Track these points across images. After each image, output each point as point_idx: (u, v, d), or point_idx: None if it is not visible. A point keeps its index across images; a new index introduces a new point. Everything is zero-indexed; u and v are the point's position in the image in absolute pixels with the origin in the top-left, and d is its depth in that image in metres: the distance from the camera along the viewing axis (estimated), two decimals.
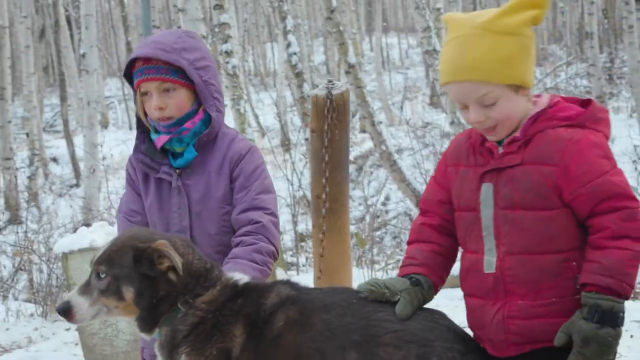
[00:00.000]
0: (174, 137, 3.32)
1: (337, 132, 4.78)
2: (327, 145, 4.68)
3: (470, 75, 2.71)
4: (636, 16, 16.83)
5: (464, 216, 2.86)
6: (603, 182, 2.63)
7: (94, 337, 6.43)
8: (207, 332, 2.82)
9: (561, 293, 2.70)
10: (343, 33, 14.76)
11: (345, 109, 4.79)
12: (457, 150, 2.94)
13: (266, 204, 3.33)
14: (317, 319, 2.74)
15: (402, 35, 43.86)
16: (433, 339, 2.66)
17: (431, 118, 22.17)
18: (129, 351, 6.18)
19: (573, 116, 2.76)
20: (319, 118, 4.76)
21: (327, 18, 14.84)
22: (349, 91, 4.85)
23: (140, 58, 3.30)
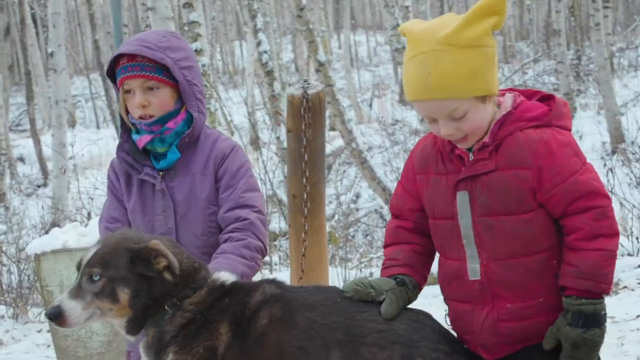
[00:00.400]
0: (155, 136, 3.30)
1: (312, 131, 4.77)
2: (306, 144, 4.67)
3: (437, 94, 2.68)
4: (603, 14, 17.00)
5: (440, 224, 2.87)
6: (574, 181, 2.66)
7: (67, 339, 6.37)
8: (194, 332, 2.81)
9: (547, 291, 2.73)
10: (312, 31, 14.76)
11: (321, 108, 4.78)
12: (424, 157, 2.93)
13: (253, 201, 3.32)
14: (301, 317, 2.74)
15: (370, 32, 43.96)
16: (418, 340, 2.67)
17: (401, 115, 22.27)
18: (102, 352, 6.14)
19: (540, 116, 2.77)
20: (295, 117, 4.74)
21: (296, 16, 14.84)
22: (324, 91, 4.84)
23: (124, 55, 3.28)
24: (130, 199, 3.38)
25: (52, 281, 6.36)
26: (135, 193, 3.38)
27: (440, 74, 2.64)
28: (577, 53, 22.78)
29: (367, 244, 12.75)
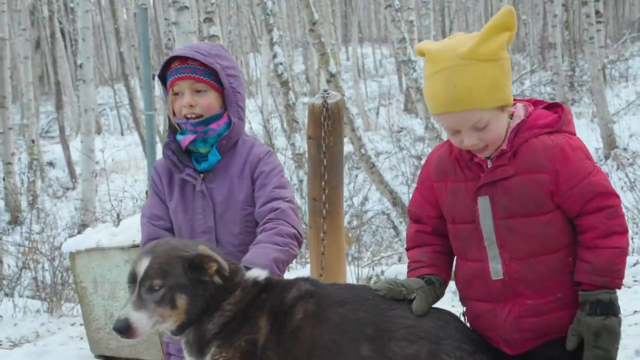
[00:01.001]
0: (199, 136, 3.32)
1: (332, 138, 4.78)
2: (325, 150, 4.69)
3: (464, 106, 2.69)
4: (596, 28, 16.97)
5: (460, 228, 2.89)
6: (589, 182, 2.70)
7: (100, 332, 6.41)
8: (236, 328, 2.84)
9: (564, 287, 2.76)
10: (324, 44, 14.76)
11: (340, 116, 4.80)
12: (441, 166, 2.94)
13: (283, 194, 3.33)
14: (333, 313, 2.77)
15: (376, 45, 43.95)
16: (444, 337, 2.69)
17: (406, 123, 22.26)
18: (134, 345, 6.15)
19: (551, 123, 2.80)
20: (316, 125, 4.76)
21: (309, 30, 14.82)
22: (343, 100, 4.87)
23: (177, 58, 3.32)
24: (173, 199, 3.40)
25: (86, 278, 6.39)
26: (177, 193, 3.40)
27: (465, 86, 2.67)
28: (571, 65, 22.73)
29: (377, 244, 12.74)
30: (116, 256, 6.08)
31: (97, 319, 6.39)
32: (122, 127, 31.37)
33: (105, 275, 6.21)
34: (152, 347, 6.03)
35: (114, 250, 6.10)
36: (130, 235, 6.23)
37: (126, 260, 6.00)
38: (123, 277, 6.02)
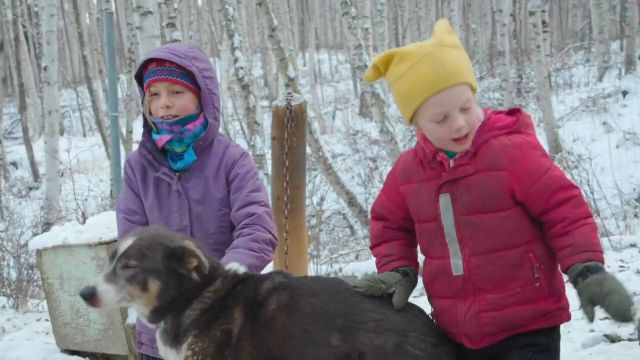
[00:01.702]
0: (175, 136, 3.30)
1: (295, 139, 4.80)
2: (287, 151, 4.70)
3: (456, 79, 2.74)
4: (542, 37, 17.18)
5: (425, 227, 2.92)
6: (548, 177, 2.74)
7: (66, 327, 6.34)
8: (213, 317, 2.86)
9: (523, 282, 2.77)
10: (283, 49, 14.77)
11: (303, 118, 4.82)
12: (406, 170, 2.98)
13: (259, 197, 3.33)
14: (306, 303, 2.79)
15: (332, 52, 44.05)
16: (410, 330, 2.72)
17: (361, 126, 22.33)
18: (99, 339, 6.10)
19: (509, 124, 2.85)
20: (280, 127, 4.78)
21: (269, 36, 14.84)
22: (306, 102, 4.88)
23: (154, 60, 3.29)
24: (148, 196, 3.37)
25: (53, 274, 6.33)
26: (152, 191, 3.37)
27: (452, 62, 2.76)
28: (518, 72, 22.97)
29: (333, 242, 12.78)
30: (83, 253, 6.02)
31: (63, 315, 6.32)
32: (85, 129, 31.06)
33: (71, 271, 6.15)
34: (117, 342, 5.98)
35: (81, 247, 6.04)
36: (96, 233, 6.18)
37: (92, 258, 5.95)
38: (89, 274, 5.98)
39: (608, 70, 22.50)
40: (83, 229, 6.41)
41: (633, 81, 18.85)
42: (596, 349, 5.29)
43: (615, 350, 5.12)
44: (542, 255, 2.81)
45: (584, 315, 2.57)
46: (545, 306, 2.78)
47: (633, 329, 2.72)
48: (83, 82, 31.68)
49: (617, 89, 18.85)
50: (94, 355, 6.29)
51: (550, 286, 2.81)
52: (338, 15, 43.00)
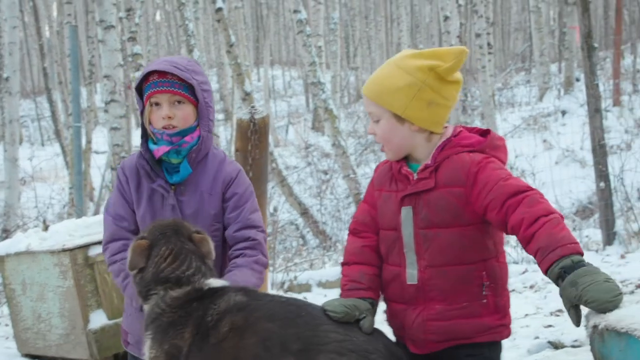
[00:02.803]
0: (173, 148, 3.27)
1: (257, 151, 4.81)
2: (251, 162, 4.70)
3: (367, 92, 2.89)
4: (487, 58, 17.39)
5: (386, 234, 2.93)
6: (502, 185, 2.69)
7: (28, 332, 6.23)
8: (164, 327, 2.82)
9: (471, 298, 2.80)
10: (239, 65, 14.76)
11: (266, 131, 4.84)
12: (381, 176, 3.01)
13: (258, 222, 3.35)
14: (261, 327, 2.69)
15: (285, 68, 44.11)
16: (372, 351, 2.65)
17: (313, 140, 22.36)
18: (61, 344, 6.01)
19: (474, 143, 2.84)
20: (243, 139, 4.78)
21: (227, 51, 14.82)
22: (269, 116, 4.89)
23: (156, 72, 3.26)
24: (140, 207, 3.33)
25: (15, 280, 6.22)
26: (145, 201, 3.33)
27: (376, 77, 2.87)
28: (464, 91, 23.23)
29: (287, 251, 12.76)
30: (46, 260, 5.93)
31: (25, 320, 6.22)
32: (43, 138, 30.62)
33: (34, 277, 6.05)
34: (78, 347, 5.90)
35: (44, 254, 5.94)
36: (59, 240, 6.08)
37: (55, 264, 5.86)
38: (52, 280, 5.89)
39: (548, 91, 22.86)
40: (46, 236, 6.30)
41: (571, 101, 19.18)
42: (541, 355, 5.37)
43: (559, 356, 5.19)
44: (493, 274, 2.83)
45: (569, 318, 2.48)
46: (489, 322, 2.82)
47: (585, 336, 2.73)
48: (42, 92, 31.24)
49: (557, 109, 19.16)
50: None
51: (496, 304, 2.84)
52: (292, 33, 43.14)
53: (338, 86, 26.68)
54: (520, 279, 7.89)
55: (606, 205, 8.93)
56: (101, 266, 5.82)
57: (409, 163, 2.91)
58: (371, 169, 17.48)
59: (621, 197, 9.62)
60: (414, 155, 2.90)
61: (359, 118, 24.61)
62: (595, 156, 8.98)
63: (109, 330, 5.84)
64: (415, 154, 2.89)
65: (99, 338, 5.80)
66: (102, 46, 10.70)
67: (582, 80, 21.28)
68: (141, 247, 2.97)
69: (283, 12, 44.87)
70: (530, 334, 5.93)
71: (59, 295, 5.89)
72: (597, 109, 8.90)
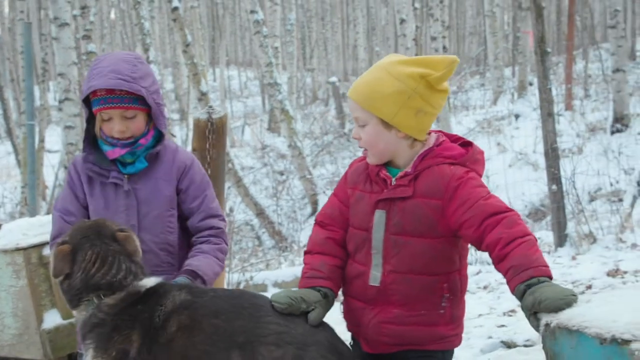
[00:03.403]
0: (128, 151, 3.29)
1: (215, 151, 4.80)
2: (210, 162, 4.70)
3: (353, 96, 2.86)
4: None
5: (356, 233, 2.93)
6: (480, 205, 2.70)
7: None
8: (107, 333, 2.80)
9: (430, 307, 2.83)
10: (196, 65, 14.72)
11: (223, 131, 4.82)
12: (355, 175, 3.00)
13: (219, 211, 3.44)
14: (207, 324, 2.72)
15: (241, 68, 44.04)
16: (310, 344, 2.65)
17: (269, 141, 22.34)
18: (14, 344, 5.91)
19: (456, 155, 2.84)
20: (200, 139, 4.76)
21: (183, 51, 14.79)
22: (227, 116, 4.89)
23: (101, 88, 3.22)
24: (93, 199, 3.34)
25: None
26: (98, 192, 3.34)
27: (364, 82, 2.84)
28: None
29: (242, 252, 12.75)
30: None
31: None
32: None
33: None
34: (32, 347, 5.82)
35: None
36: (13, 239, 5.98)
37: (8, 263, 5.76)
38: (5, 280, 5.79)
39: (502, 94, 23.14)
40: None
41: (524, 105, 19.43)
42: (494, 354, 5.45)
43: (512, 355, 5.27)
44: (454, 286, 2.87)
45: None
46: (444, 331, 2.86)
47: (537, 336, 2.77)
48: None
49: (510, 112, 19.38)
50: None
51: (452, 314, 2.88)
52: (248, 34, 43.07)
53: (294, 87, 26.75)
54: (474, 280, 7.98)
55: (558, 207, 9.07)
56: (52, 275, 5.75)
57: (388, 167, 2.91)
58: (327, 170, 17.54)
59: (572, 199, 9.78)
60: (395, 161, 2.90)
61: (315, 119, 24.67)
62: (547, 159, 9.11)
63: (63, 330, 5.77)
64: (396, 159, 2.89)
65: (53, 338, 5.73)
66: (56, 44, 10.61)
67: (535, 85, 21.63)
68: (63, 253, 2.92)
69: (239, 13, 44.78)
70: (483, 333, 6.01)
71: (12, 295, 5.80)
72: (549, 113, 9.03)
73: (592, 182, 11.93)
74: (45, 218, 6.56)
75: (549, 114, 9.03)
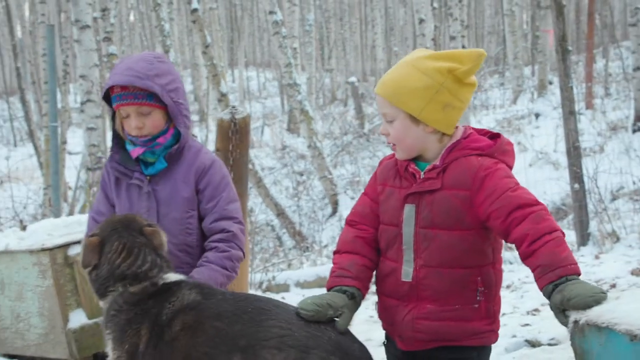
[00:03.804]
0: (147, 150, 3.33)
1: (238, 151, 4.82)
2: (232, 162, 4.72)
3: (381, 91, 2.86)
4: None
5: (387, 229, 2.93)
6: (507, 196, 2.69)
7: (6, 332, 6.19)
8: (122, 325, 2.86)
9: (463, 301, 2.82)
10: (215, 66, 14.76)
11: (246, 131, 4.84)
12: (385, 171, 3.01)
13: (234, 213, 3.39)
14: (209, 326, 2.73)
15: (260, 69, 44.11)
16: (313, 347, 2.61)
17: (289, 142, 22.37)
18: (40, 343, 5.98)
19: (484, 147, 2.83)
20: (224, 139, 4.79)
21: (202, 52, 14.82)
22: (249, 116, 4.91)
23: (117, 85, 3.28)
24: (120, 200, 3.40)
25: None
26: (124, 195, 3.40)
27: (392, 78, 2.84)
28: None
29: (263, 252, 12.78)
30: (25, 259, 5.90)
31: (3, 319, 6.18)
32: (16, 139, 30.39)
33: (12, 277, 6.01)
34: (58, 347, 5.88)
35: (22, 253, 5.91)
36: (38, 240, 6.05)
37: (34, 264, 5.83)
38: (31, 280, 5.87)
39: (522, 94, 23.06)
40: (24, 236, 6.27)
41: (545, 104, 19.36)
42: (518, 353, 5.43)
43: (537, 354, 5.26)
44: (489, 280, 2.85)
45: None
46: (479, 326, 2.85)
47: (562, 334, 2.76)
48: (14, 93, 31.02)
49: (530, 111, 19.32)
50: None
51: (488, 309, 2.86)
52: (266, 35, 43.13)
53: (313, 88, 26.74)
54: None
55: (580, 206, 9.04)
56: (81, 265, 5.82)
57: (417, 162, 2.91)
58: (347, 170, 17.54)
59: (595, 198, 9.73)
60: (424, 155, 2.90)
61: (334, 119, 24.67)
62: (569, 158, 9.08)
63: (89, 330, 5.83)
64: (425, 154, 2.90)
65: (79, 337, 5.79)
66: (78, 46, 10.68)
67: (555, 84, 21.59)
68: (92, 244, 2.99)
69: (257, 14, 44.90)
70: (507, 332, 5.99)
71: (38, 295, 5.87)
72: (571, 111, 9.00)
73: (614, 180, 11.87)
74: (70, 219, 6.63)
75: (570, 112, 9.00)
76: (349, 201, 14.48)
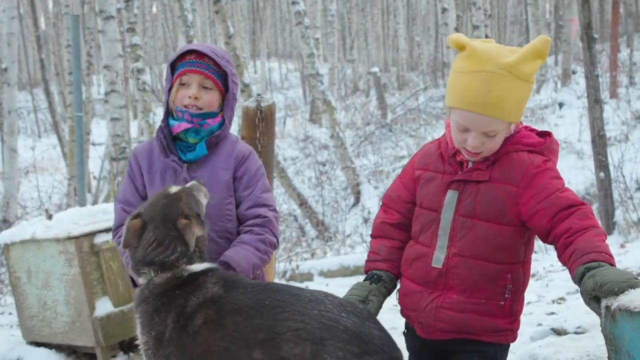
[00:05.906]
0: (194, 126, 3.35)
1: (265, 139, 4.81)
2: (260, 150, 4.71)
3: (491, 112, 2.68)
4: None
5: (423, 213, 2.93)
6: (556, 197, 2.68)
7: (33, 319, 6.25)
8: (150, 313, 2.90)
9: (491, 296, 2.81)
10: (238, 56, 14.78)
11: (272, 119, 4.83)
12: (426, 156, 3.00)
13: (269, 201, 3.41)
14: (230, 321, 2.75)
15: (282, 60, 44.14)
16: (328, 338, 2.59)
17: (311, 132, 22.37)
18: (66, 331, 6.03)
19: (535, 144, 2.82)
20: (250, 127, 4.79)
21: (225, 43, 14.82)
22: (275, 104, 4.90)
23: (194, 51, 3.35)
24: (153, 185, 3.38)
25: (20, 268, 6.23)
26: (158, 179, 3.39)
27: (498, 95, 2.66)
28: None
29: (286, 242, 12.80)
30: (51, 247, 5.94)
31: (30, 307, 6.23)
32: (40, 130, 30.64)
33: (39, 265, 6.06)
34: (84, 334, 5.92)
35: (49, 241, 5.96)
36: (64, 228, 6.10)
37: (61, 252, 5.88)
38: (57, 268, 5.91)
39: (545, 83, 22.90)
40: (51, 224, 6.32)
41: (568, 93, 19.22)
42: (545, 341, 5.40)
43: (563, 342, 5.23)
44: (517, 279, 2.84)
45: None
46: (500, 324, 2.83)
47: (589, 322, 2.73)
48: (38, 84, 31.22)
49: (554, 101, 19.19)
50: (61, 347, 6.21)
51: (512, 308, 2.85)
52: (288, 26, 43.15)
53: (335, 78, 26.71)
54: None
55: (605, 195, 8.97)
56: (107, 254, 5.85)
57: None
58: (369, 160, 17.51)
59: (620, 187, 9.65)
60: None
61: (356, 110, 24.63)
62: (595, 147, 9.02)
63: (115, 318, 5.88)
64: None
65: (105, 325, 5.83)
66: (102, 36, 10.71)
67: (578, 73, 21.43)
68: (135, 228, 3.01)
69: (279, 5, 44.88)
70: (533, 321, 5.97)
71: (64, 283, 5.91)
72: (596, 100, 8.93)
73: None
74: (95, 207, 6.67)
75: (595, 100, 8.94)
76: (371, 191, 14.48)
